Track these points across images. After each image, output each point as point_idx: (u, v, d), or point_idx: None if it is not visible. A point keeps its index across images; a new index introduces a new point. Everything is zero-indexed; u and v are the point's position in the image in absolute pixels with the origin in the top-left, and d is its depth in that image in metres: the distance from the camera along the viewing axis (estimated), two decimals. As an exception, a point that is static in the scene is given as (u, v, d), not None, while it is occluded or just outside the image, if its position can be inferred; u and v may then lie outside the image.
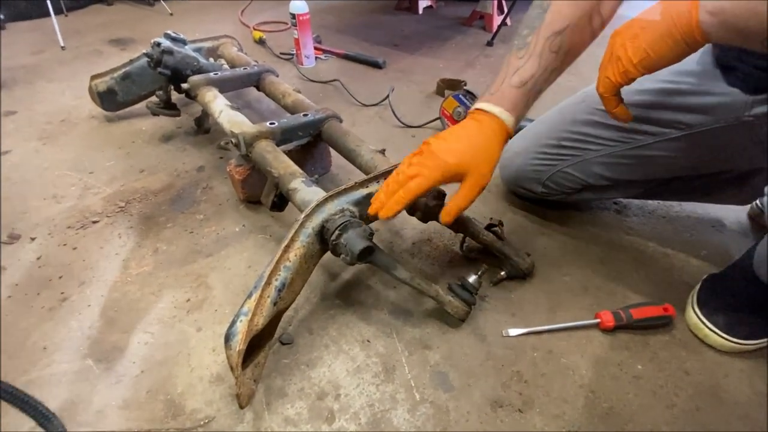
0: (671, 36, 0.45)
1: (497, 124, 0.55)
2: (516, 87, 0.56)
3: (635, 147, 0.69)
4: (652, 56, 0.46)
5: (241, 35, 1.63)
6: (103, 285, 0.69)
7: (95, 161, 0.97)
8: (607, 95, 0.53)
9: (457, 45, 1.68)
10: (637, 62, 0.47)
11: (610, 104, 0.54)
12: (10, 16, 1.82)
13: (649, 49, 0.46)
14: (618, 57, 0.49)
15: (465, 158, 0.53)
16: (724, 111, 0.59)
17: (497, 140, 0.55)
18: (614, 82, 0.50)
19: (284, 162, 0.69)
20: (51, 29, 1.60)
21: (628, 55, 0.48)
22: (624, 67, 0.49)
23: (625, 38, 0.48)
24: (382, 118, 1.17)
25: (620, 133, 0.69)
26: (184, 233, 0.78)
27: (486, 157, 0.54)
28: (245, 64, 1.00)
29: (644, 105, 0.65)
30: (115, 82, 1.02)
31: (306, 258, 0.56)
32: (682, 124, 0.64)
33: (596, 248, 0.78)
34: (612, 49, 0.50)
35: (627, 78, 0.49)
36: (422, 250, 0.76)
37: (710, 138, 0.63)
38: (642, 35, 0.47)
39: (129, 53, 1.52)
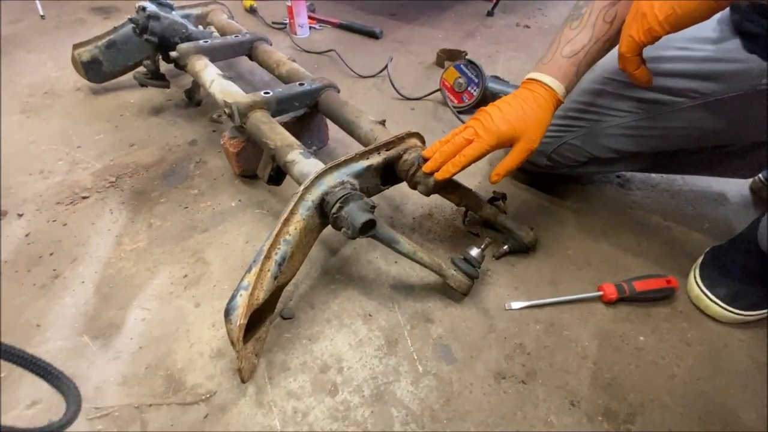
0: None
1: (548, 92, 0.58)
2: (567, 57, 0.58)
3: (646, 118, 0.67)
4: (678, 12, 0.44)
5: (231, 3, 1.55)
6: (96, 261, 0.67)
7: (83, 135, 0.93)
8: (630, 55, 0.51)
9: (456, 15, 1.61)
10: (663, 18, 0.46)
11: (631, 65, 0.52)
12: (-16, -17, 1.72)
13: (676, 5, 0.44)
14: (643, 13, 0.47)
15: (518, 125, 0.56)
16: (740, 78, 0.57)
17: (548, 108, 0.58)
18: (638, 41, 0.49)
19: (281, 133, 0.66)
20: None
21: (654, 12, 0.46)
22: (649, 24, 0.47)
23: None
24: (380, 90, 1.14)
25: (631, 102, 0.67)
26: (179, 208, 0.76)
27: (536, 123, 0.57)
28: (236, 32, 0.95)
29: (658, 73, 0.62)
30: (100, 51, 0.97)
31: (306, 231, 0.54)
32: (696, 93, 0.61)
33: (599, 222, 0.77)
34: (638, 6, 0.48)
35: (651, 36, 0.48)
36: (424, 225, 0.74)
37: (723, 108, 0.61)
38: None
39: (113, 22, 1.44)
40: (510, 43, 1.40)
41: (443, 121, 1.02)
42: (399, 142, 0.63)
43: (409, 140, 0.65)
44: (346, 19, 1.45)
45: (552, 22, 1.57)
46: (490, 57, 1.31)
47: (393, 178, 0.65)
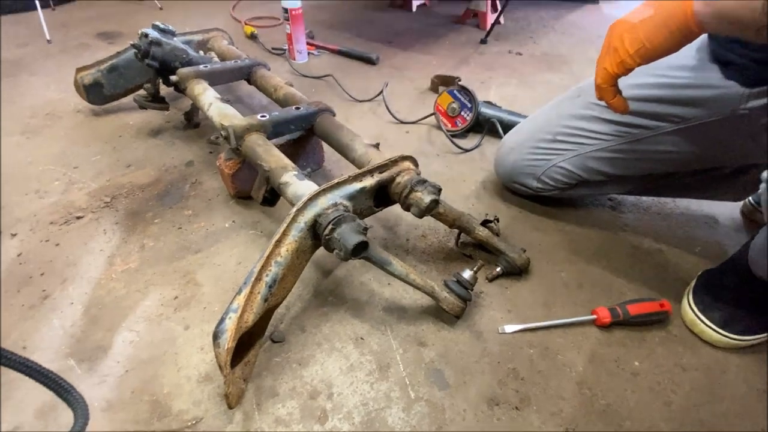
0: (667, 27, 0.45)
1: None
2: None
3: (630, 141, 0.69)
4: (648, 46, 0.47)
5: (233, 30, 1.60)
6: (87, 282, 0.66)
7: (80, 156, 0.94)
8: (605, 86, 0.53)
9: (450, 42, 1.67)
10: (634, 52, 0.48)
11: (607, 95, 0.54)
12: (-6, 9, 1.77)
13: (646, 40, 0.47)
14: (615, 48, 0.49)
15: None
16: (719, 104, 0.59)
17: None
18: (611, 73, 0.51)
19: (275, 155, 0.67)
20: (37, 23, 1.55)
21: (625, 46, 0.48)
22: (621, 58, 0.49)
23: (622, 30, 0.49)
24: (376, 114, 1.16)
25: (616, 127, 0.69)
26: (172, 229, 0.76)
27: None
28: (236, 57, 0.98)
29: (640, 98, 0.64)
30: (102, 74, 0.99)
31: (298, 253, 0.54)
32: (677, 118, 0.63)
33: (591, 244, 0.77)
34: (609, 40, 0.51)
35: (624, 68, 0.50)
36: (417, 247, 0.74)
37: (705, 131, 0.62)
38: (639, 27, 0.47)
39: (117, 47, 1.48)
40: (502, 70, 1.44)
41: (436, 145, 1.03)
42: (392, 164, 0.64)
43: (402, 163, 0.65)
44: (344, 46, 1.50)
45: (543, 50, 1.62)
46: (483, 83, 1.34)
47: (386, 201, 0.66)
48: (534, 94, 1.29)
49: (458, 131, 1.05)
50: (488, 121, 1.03)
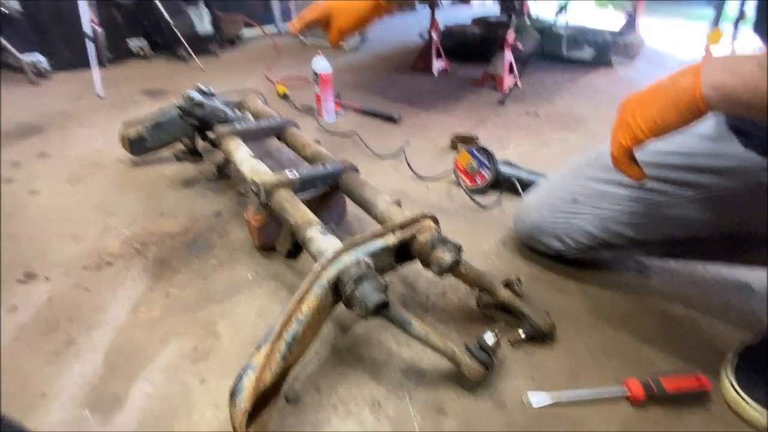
0: (677, 107, 0.47)
1: None
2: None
3: (652, 206, 0.69)
4: (659, 123, 0.48)
5: (267, 90, 1.74)
6: (111, 329, 0.67)
7: (118, 203, 1.00)
8: (620, 157, 0.54)
9: (469, 103, 1.75)
10: (646, 128, 0.49)
11: (623, 165, 0.55)
12: (55, 66, 1.98)
13: (657, 118, 0.48)
14: (627, 123, 0.51)
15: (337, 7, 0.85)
16: (740, 173, 0.59)
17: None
18: (625, 146, 0.52)
19: (301, 210, 0.69)
20: (91, 79, 1.72)
21: (637, 122, 0.50)
22: (633, 132, 0.50)
23: (634, 107, 0.51)
24: (398, 170, 1.20)
25: (636, 192, 0.69)
26: (197, 278, 0.78)
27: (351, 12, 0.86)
28: (269, 116, 1.05)
29: (660, 165, 0.65)
30: (146, 129, 1.08)
31: (319, 310, 0.54)
32: (698, 185, 0.63)
33: (618, 309, 0.75)
34: (622, 116, 0.53)
35: (637, 141, 0.51)
36: (437, 305, 0.73)
37: (729, 199, 0.62)
38: (650, 105, 0.49)
39: (161, 103, 1.62)
40: (520, 130, 1.49)
41: (456, 201, 1.05)
42: (414, 222, 0.66)
43: (423, 221, 0.67)
44: (368, 105, 1.59)
45: (559, 111, 1.68)
46: (501, 142, 1.38)
47: (407, 257, 0.67)
48: (551, 153, 1.31)
49: (478, 188, 1.07)
50: (507, 179, 1.05)
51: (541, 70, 2.23)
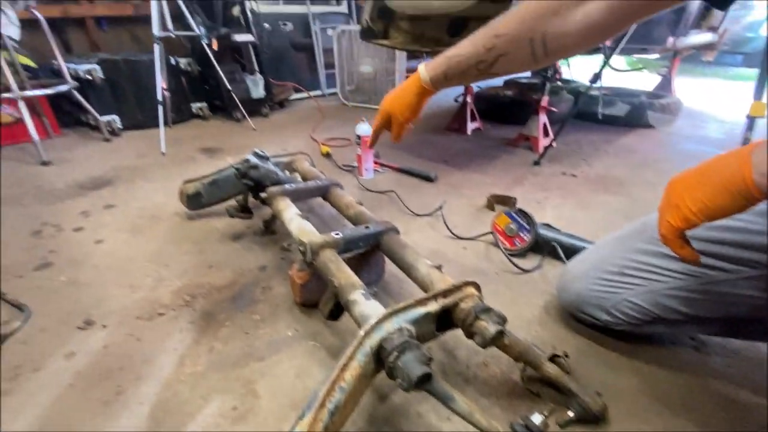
0: (728, 191, 0.46)
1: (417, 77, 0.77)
2: (447, 56, 0.72)
3: (707, 283, 0.65)
4: (710, 207, 0.47)
5: (311, 149, 1.86)
6: (157, 382, 0.70)
7: (172, 255, 1.07)
8: (670, 237, 0.53)
9: (504, 163, 1.78)
10: (697, 211, 0.48)
11: (674, 246, 0.53)
12: (126, 126, 2.23)
13: (708, 201, 0.47)
14: (676, 205, 0.50)
15: (389, 107, 0.86)
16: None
17: (416, 90, 0.79)
18: (676, 227, 0.51)
19: (345, 273, 0.72)
20: (157, 137, 1.92)
21: (687, 204, 0.49)
22: (684, 215, 0.49)
23: (682, 189, 0.50)
24: (434, 228, 1.22)
25: (689, 266, 0.67)
26: (240, 333, 0.80)
27: (403, 105, 0.83)
28: (315, 177, 1.12)
29: (715, 240, 0.63)
30: (203, 186, 1.18)
31: (361, 378, 0.54)
32: (756, 263, 0.60)
33: (676, 391, 0.69)
34: (669, 197, 0.52)
35: (688, 224, 0.50)
36: (478, 377, 0.71)
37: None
38: (699, 188, 0.48)
39: (216, 161, 1.77)
40: (557, 191, 1.49)
41: (495, 263, 1.05)
42: (456, 290, 0.66)
43: (465, 289, 0.67)
44: (405, 164, 1.66)
45: (597, 172, 1.67)
46: (539, 203, 1.39)
47: (448, 325, 0.66)
48: (593, 216, 1.30)
49: (517, 251, 1.06)
50: (548, 243, 1.04)
51: (575, 130, 2.27)
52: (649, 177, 1.63)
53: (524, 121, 1.98)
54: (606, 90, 2.66)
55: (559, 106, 2.23)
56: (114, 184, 1.53)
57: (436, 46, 1.45)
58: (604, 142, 2.10)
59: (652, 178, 1.61)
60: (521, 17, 0.64)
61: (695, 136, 2.24)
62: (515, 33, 0.64)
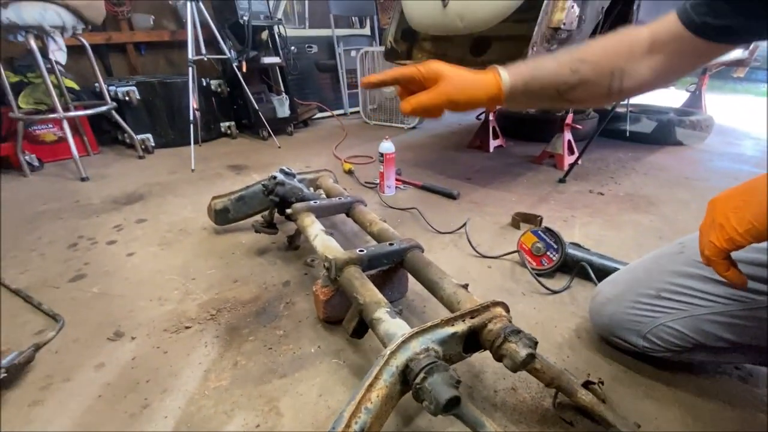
0: None
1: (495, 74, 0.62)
2: (526, 64, 0.64)
3: (753, 308, 0.61)
4: (758, 227, 0.45)
5: (333, 166, 1.89)
6: (182, 396, 0.70)
7: (198, 268, 1.09)
8: (715, 259, 0.50)
9: (528, 181, 1.76)
10: (744, 231, 0.46)
11: (719, 268, 0.50)
12: (159, 144, 2.34)
13: (755, 221, 0.45)
14: (721, 224, 0.48)
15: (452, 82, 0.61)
16: None
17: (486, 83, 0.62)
18: (720, 248, 0.48)
19: (370, 290, 0.71)
20: (187, 155, 2.00)
21: (732, 225, 0.47)
22: (729, 235, 0.47)
23: (727, 208, 0.48)
24: (457, 246, 1.20)
25: (732, 290, 0.63)
26: (263, 348, 0.80)
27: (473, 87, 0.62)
28: (339, 194, 1.13)
29: (760, 263, 0.60)
30: (231, 202, 1.21)
31: (387, 399, 0.53)
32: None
33: (722, 426, 0.64)
34: (713, 216, 0.50)
35: (734, 245, 0.47)
36: (507, 402, 0.68)
37: None
38: (745, 207, 0.46)
39: (243, 177, 1.82)
40: (584, 209, 1.45)
41: (521, 283, 1.02)
42: (484, 310, 0.64)
43: (494, 309, 0.65)
44: (427, 182, 1.66)
45: (626, 190, 1.63)
46: (566, 221, 1.35)
47: (475, 347, 0.64)
48: (622, 236, 1.25)
49: (545, 270, 1.03)
50: (577, 263, 1.01)
51: (601, 147, 2.22)
52: (681, 196, 1.57)
53: (548, 138, 1.96)
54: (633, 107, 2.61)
55: (583, 123, 2.20)
56: (146, 199, 1.59)
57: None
58: (632, 159, 2.04)
59: (685, 197, 1.55)
60: (605, 49, 0.64)
61: (729, 153, 2.16)
62: (600, 62, 0.63)
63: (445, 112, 0.63)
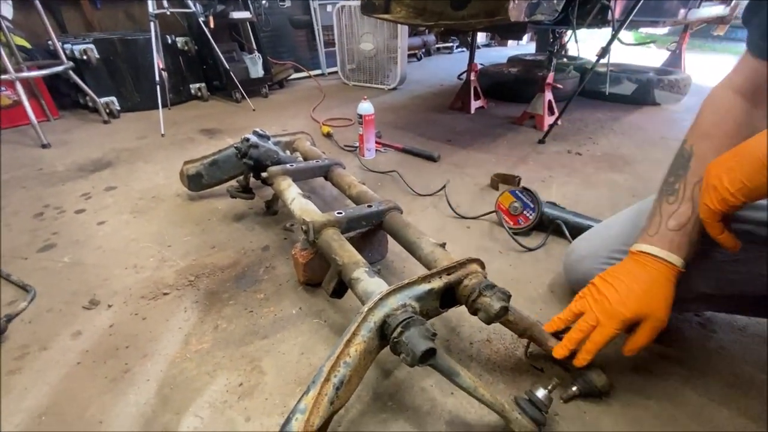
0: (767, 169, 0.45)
1: (666, 267, 0.58)
2: (674, 230, 0.59)
3: (722, 261, 0.64)
4: (749, 186, 0.46)
5: (312, 129, 1.84)
6: (164, 359, 0.70)
7: (174, 235, 1.06)
8: (709, 221, 0.52)
9: (508, 142, 1.76)
10: (735, 191, 0.47)
11: (713, 230, 0.53)
12: (125, 107, 2.20)
13: (746, 180, 0.46)
14: (714, 186, 0.49)
15: (642, 308, 0.57)
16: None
17: (669, 283, 0.58)
18: (713, 209, 0.50)
19: (348, 251, 0.71)
20: (156, 119, 1.90)
21: (725, 185, 0.48)
22: (721, 195, 0.49)
23: (720, 170, 0.49)
24: (437, 208, 1.21)
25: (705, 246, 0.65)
26: (244, 312, 0.81)
27: (663, 302, 0.57)
28: (317, 156, 1.10)
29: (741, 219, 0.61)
30: (204, 167, 1.16)
31: (365, 354, 0.54)
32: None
33: (682, 367, 0.69)
34: (707, 179, 0.51)
35: (727, 205, 0.49)
36: (482, 353, 0.71)
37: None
38: (738, 168, 0.47)
39: (216, 141, 1.75)
40: (562, 169, 1.47)
41: (499, 242, 1.04)
42: (460, 267, 0.65)
43: (469, 266, 0.66)
44: (407, 144, 1.63)
45: (603, 150, 1.65)
46: (544, 181, 1.37)
47: (452, 302, 0.66)
48: (598, 195, 1.28)
49: (522, 229, 1.05)
50: (552, 221, 1.03)
51: (581, 108, 2.22)
52: (656, 155, 1.60)
53: (529, 99, 1.94)
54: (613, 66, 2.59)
55: (564, 83, 2.18)
56: (114, 166, 1.52)
57: (439, 20, 1.40)
58: (611, 119, 2.06)
59: (660, 156, 1.58)
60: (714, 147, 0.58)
61: (704, 113, 2.19)
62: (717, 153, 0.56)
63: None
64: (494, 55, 4.09)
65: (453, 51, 4.55)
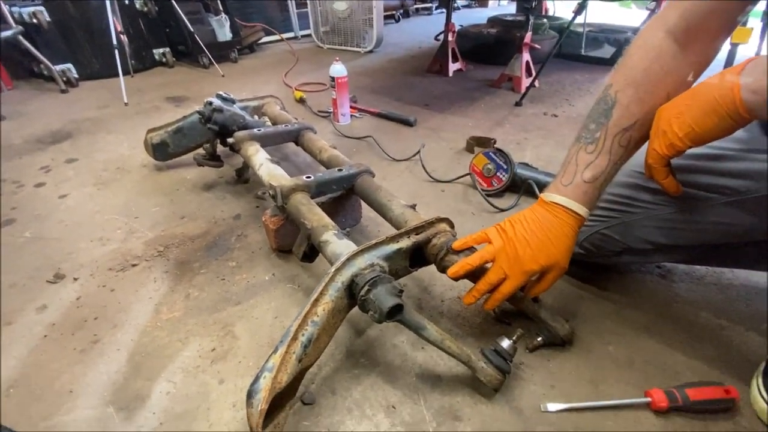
0: (716, 113, 0.45)
1: (574, 218, 0.58)
2: (589, 182, 0.58)
3: (679, 211, 0.66)
4: (697, 131, 0.47)
5: (284, 95, 1.77)
6: (134, 329, 0.70)
7: (142, 207, 1.03)
8: (656, 166, 0.53)
9: (485, 105, 1.74)
10: (683, 135, 0.48)
11: (659, 175, 0.53)
12: (84, 75, 2.07)
13: (694, 124, 0.47)
14: (663, 131, 0.50)
15: (547, 260, 0.58)
16: (773, 177, 0.56)
17: (574, 234, 0.59)
18: (661, 154, 0.51)
19: (317, 214, 0.70)
20: (118, 87, 1.79)
21: (674, 130, 0.48)
22: (670, 140, 0.49)
23: (670, 114, 0.50)
24: (413, 173, 1.20)
25: (662, 196, 0.67)
26: (216, 280, 0.80)
27: (565, 252, 0.58)
28: (286, 121, 1.07)
29: (687, 169, 0.63)
30: (168, 135, 1.11)
31: (334, 313, 0.55)
32: (728, 189, 0.61)
33: (641, 316, 0.72)
34: (657, 124, 0.51)
35: (674, 150, 0.49)
36: (452, 309, 0.73)
37: (761, 203, 0.59)
38: (687, 112, 0.48)
39: (183, 109, 1.67)
40: (538, 131, 1.47)
41: (472, 204, 1.05)
42: (428, 226, 0.66)
43: (438, 225, 0.67)
44: (383, 109, 1.59)
45: (579, 111, 1.65)
46: (519, 144, 1.37)
47: (422, 261, 0.67)
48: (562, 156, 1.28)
49: (494, 191, 1.06)
50: (524, 181, 1.04)
51: (559, 69, 2.20)
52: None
53: (508, 60, 1.90)
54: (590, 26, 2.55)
55: (542, 44, 2.14)
56: (75, 137, 1.44)
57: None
58: (588, 81, 2.05)
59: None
60: (639, 97, 0.55)
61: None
62: (642, 114, 0.55)
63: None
64: (475, 16, 3.97)
65: (432, 12, 4.39)
